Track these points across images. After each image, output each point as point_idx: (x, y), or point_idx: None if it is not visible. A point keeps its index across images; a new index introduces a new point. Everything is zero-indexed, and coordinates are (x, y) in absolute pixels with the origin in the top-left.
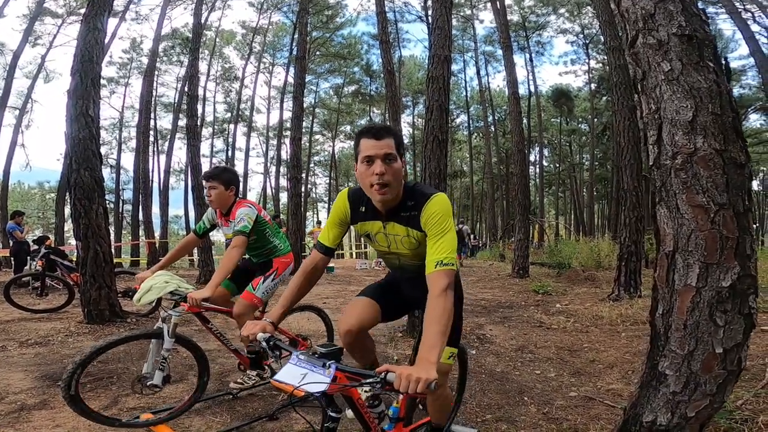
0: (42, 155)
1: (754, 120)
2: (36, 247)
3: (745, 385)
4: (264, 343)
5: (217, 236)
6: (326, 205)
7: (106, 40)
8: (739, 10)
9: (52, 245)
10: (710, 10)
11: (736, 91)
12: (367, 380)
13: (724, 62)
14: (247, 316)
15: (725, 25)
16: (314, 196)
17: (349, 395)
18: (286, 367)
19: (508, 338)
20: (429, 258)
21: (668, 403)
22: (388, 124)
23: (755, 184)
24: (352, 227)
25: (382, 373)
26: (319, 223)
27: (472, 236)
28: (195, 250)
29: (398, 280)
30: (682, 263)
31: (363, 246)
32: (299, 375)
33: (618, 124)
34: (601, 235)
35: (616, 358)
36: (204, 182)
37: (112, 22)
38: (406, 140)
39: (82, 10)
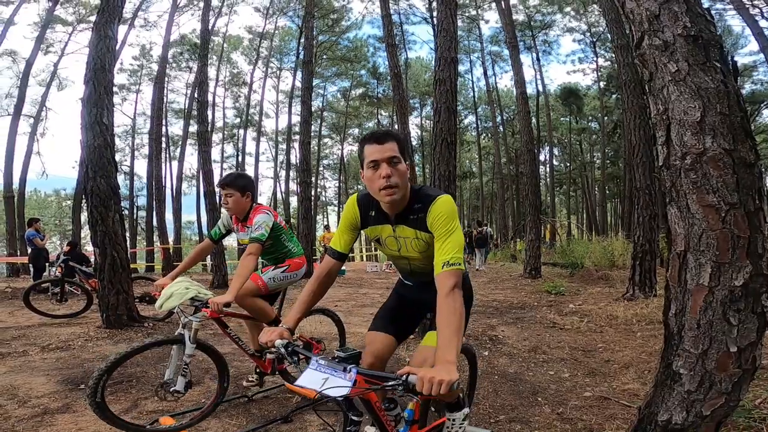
0: (57, 163)
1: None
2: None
3: (763, 384)
4: (282, 350)
5: (228, 241)
6: (336, 209)
7: (117, 48)
8: (747, 6)
9: (77, 251)
10: (718, 6)
11: (748, 87)
12: (389, 383)
13: (731, 62)
14: (248, 298)
15: (734, 21)
16: (324, 199)
17: (367, 398)
18: (307, 372)
19: (520, 339)
20: (436, 259)
21: (683, 402)
22: (394, 127)
23: None
24: (362, 232)
25: (404, 376)
26: (327, 227)
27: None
28: (207, 255)
29: (407, 290)
30: (694, 263)
31: (373, 249)
32: (320, 380)
33: (629, 122)
34: (614, 234)
35: (632, 357)
36: (220, 190)
37: (121, 30)
38: (414, 142)
39: (92, 18)
